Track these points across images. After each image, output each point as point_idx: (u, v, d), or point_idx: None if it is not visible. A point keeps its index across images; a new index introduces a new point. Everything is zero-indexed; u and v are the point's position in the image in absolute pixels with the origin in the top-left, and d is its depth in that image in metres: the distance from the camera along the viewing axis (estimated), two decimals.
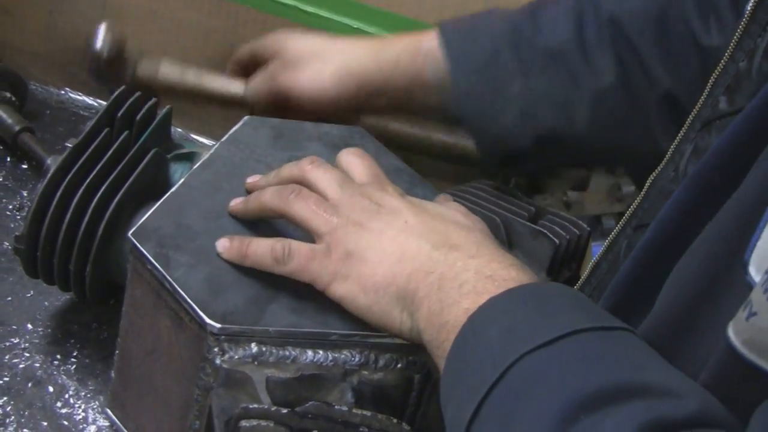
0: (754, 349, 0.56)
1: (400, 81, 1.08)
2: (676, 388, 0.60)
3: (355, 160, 0.89)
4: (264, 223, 0.87)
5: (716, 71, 0.82)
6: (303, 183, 0.86)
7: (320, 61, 1.10)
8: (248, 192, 0.89)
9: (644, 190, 0.86)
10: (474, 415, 0.65)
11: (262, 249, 0.82)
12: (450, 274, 0.76)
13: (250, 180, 0.90)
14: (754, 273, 0.58)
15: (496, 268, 0.75)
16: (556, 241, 1.00)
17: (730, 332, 0.57)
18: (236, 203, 0.87)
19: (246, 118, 0.99)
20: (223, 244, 0.84)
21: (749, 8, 0.80)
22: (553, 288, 0.73)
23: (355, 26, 1.27)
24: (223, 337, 0.77)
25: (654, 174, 0.86)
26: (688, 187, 0.74)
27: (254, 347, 0.78)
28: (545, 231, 1.00)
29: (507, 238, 1.01)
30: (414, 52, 1.07)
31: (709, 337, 0.62)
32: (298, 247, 0.82)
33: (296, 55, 1.11)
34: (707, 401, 0.60)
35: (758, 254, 0.58)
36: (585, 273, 0.90)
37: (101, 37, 1.19)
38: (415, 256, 0.78)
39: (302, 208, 0.83)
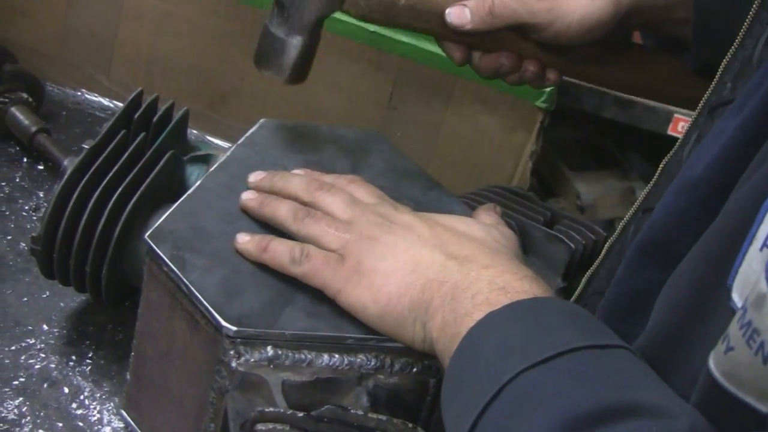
0: (733, 382, 0.56)
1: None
2: (668, 408, 0.61)
3: (358, 188, 0.89)
4: (279, 230, 0.87)
5: (726, 58, 0.81)
6: (312, 207, 0.86)
7: None
8: (251, 188, 0.89)
9: (656, 175, 0.86)
10: (471, 429, 0.65)
11: (281, 248, 0.83)
12: (463, 285, 0.75)
13: (253, 178, 0.90)
14: (737, 299, 0.58)
15: (509, 279, 0.75)
16: (572, 246, 0.99)
17: (711, 363, 0.58)
18: (251, 202, 0.88)
19: (262, 120, 0.99)
20: (243, 238, 0.84)
21: None
22: (552, 303, 0.73)
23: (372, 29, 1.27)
24: (238, 340, 0.78)
25: (666, 159, 0.85)
26: (679, 193, 0.74)
27: (270, 350, 0.78)
28: (561, 236, 1.00)
29: (523, 243, 1.01)
30: None
31: (697, 356, 0.62)
32: (316, 251, 0.82)
33: None
34: (698, 422, 0.60)
35: (741, 280, 0.58)
36: (600, 257, 0.90)
37: None
38: (429, 267, 0.78)
39: (316, 229, 0.83)
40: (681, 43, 0.98)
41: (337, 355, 0.79)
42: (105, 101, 1.39)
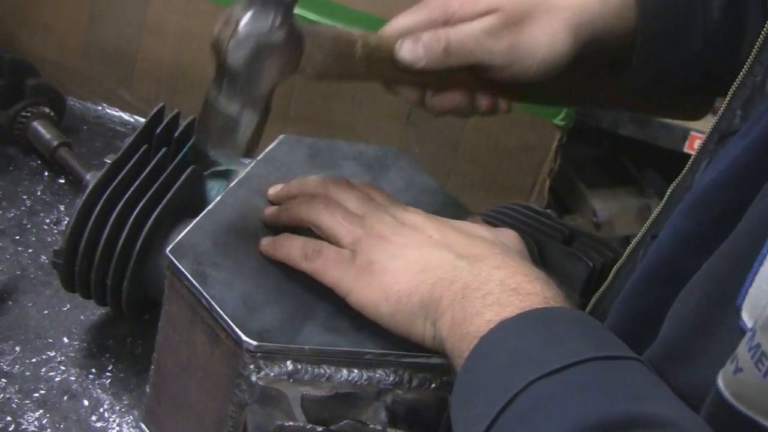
0: (743, 401, 0.57)
1: (615, 23, 0.90)
2: (679, 420, 0.61)
3: (372, 190, 0.90)
4: None
5: (735, 83, 0.81)
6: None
7: (544, 12, 0.89)
8: (270, 202, 0.91)
9: (664, 199, 0.86)
10: None
11: (295, 243, 0.84)
12: (474, 284, 0.75)
13: (272, 191, 0.92)
14: (747, 319, 0.58)
15: (521, 281, 0.75)
16: (591, 263, 1.00)
17: (720, 382, 0.58)
18: (270, 211, 0.89)
19: (281, 136, 0.99)
20: (264, 240, 0.86)
21: None
22: (564, 312, 0.73)
23: None
24: (259, 354, 0.78)
25: (674, 183, 0.86)
26: (685, 214, 0.74)
27: (290, 365, 0.78)
28: (579, 254, 1.00)
29: (541, 260, 1.01)
30: None
31: (703, 373, 0.63)
32: (328, 248, 0.83)
33: (517, 8, 0.89)
34: None
35: (750, 301, 0.58)
36: (607, 280, 0.90)
37: None
38: (439, 266, 0.78)
39: (329, 218, 0.84)
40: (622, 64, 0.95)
41: (356, 370, 0.80)
42: (126, 116, 1.40)
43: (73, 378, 1.03)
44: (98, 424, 0.99)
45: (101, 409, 1.00)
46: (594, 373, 0.66)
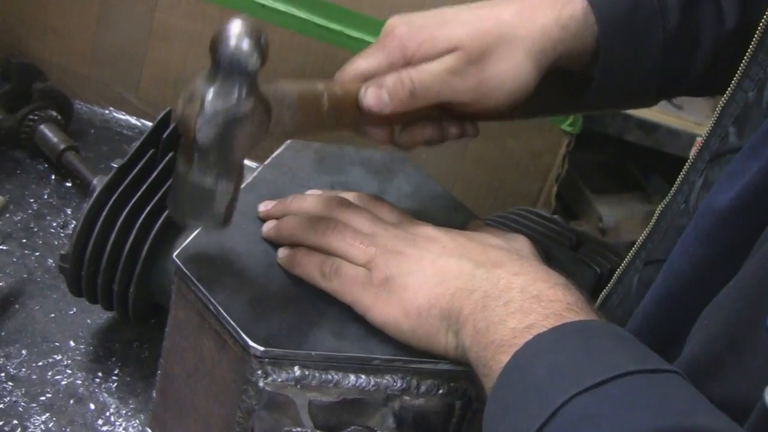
0: None
1: (575, 45, 0.89)
2: (725, 431, 0.60)
3: (380, 206, 0.89)
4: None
5: (723, 99, 0.81)
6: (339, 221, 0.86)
7: (505, 44, 0.87)
8: (261, 219, 0.89)
9: (653, 221, 0.85)
10: None
11: (312, 260, 0.84)
12: (495, 293, 0.75)
13: (263, 208, 0.90)
14: None
15: (542, 288, 0.74)
16: (598, 270, 1.00)
17: (767, 397, 0.57)
18: (268, 228, 0.88)
19: (289, 142, 0.99)
20: (283, 251, 0.85)
21: (757, 35, 0.80)
22: (599, 326, 0.72)
23: None
24: (266, 360, 0.78)
25: (662, 205, 0.85)
26: (702, 241, 0.73)
27: (297, 371, 0.78)
28: (587, 259, 1.00)
29: (548, 266, 1.01)
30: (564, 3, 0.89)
31: (735, 390, 0.63)
32: (347, 267, 0.82)
33: (477, 44, 0.86)
34: None
35: None
36: (596, 305, 0.88)
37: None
38: (458, 276, 0.78)
39: (339, 241, 0.83)
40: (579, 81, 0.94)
41: (363, 376, 0.79)
42: (133, 120, 1.40)
43: (79, 382, 1.03)
44: (104, 428, 0.99)
45: (107, 413, 1.01)
46: (637, 386, 0.65)
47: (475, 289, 0.76)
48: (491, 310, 0.74)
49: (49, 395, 1.01)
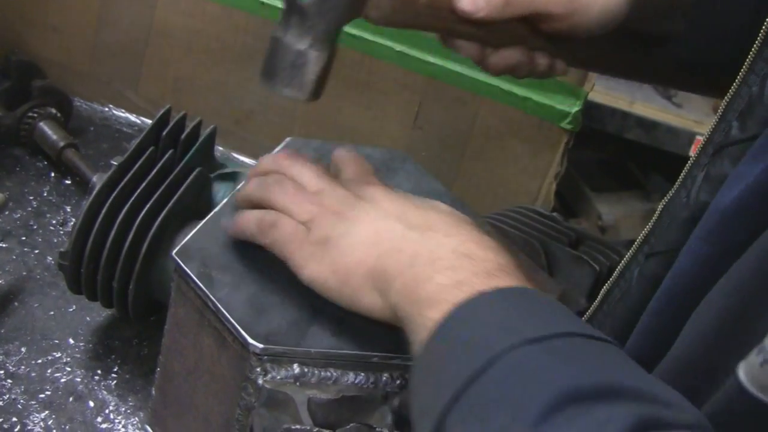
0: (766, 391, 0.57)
1: None
2: (671, 400, 0.61)
3: (346, 157, 0.90)
4: None
5: (728, 94, 0.81)
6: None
7: None
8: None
9: (656, 215, 0.85)
10: (453, 401, 0.64)
11: (251, 217, 0.84)
12: (424, 252, 0.75)
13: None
14: None
15: (473, 248, 0.74)
16: (597, 267, 1.00)
17: (741, 374, 0.58)
18: (226, 225, 0.87)
19: (288, 139, 0.99)
20: (226, 222, 0.86)
21: (763, 31, 0.80)
22: (541, 294, 0.72)
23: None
24: (265, 357, 0.78)
25: (665, 199, 0.85)
26: (704, 240, 0.73)
27: (296, 368, 0.78)
28: (586, 257, 1.00)
29: (547, 264, 1.01)
30: None
31: (723, 384, 0.63)
32: (285, 222, 0.83)
33: None
34: (703, 418, 0.60)
35: None
36: (597, 300, 0.89)
37: None
38: (389, 238, 0.78)
39: (283, 196, 0.84)
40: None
41: (362, 374, 0.79)
42: (132, 117, 1.40)
43: (78, 379, 1.03)
44: (104, 426, 0.99)
45: (107, 411, 1.01)
46: (580, 346, 0.65)
47: (403, 249, 0.76)
48: (419, 269, 0.74)
49: (48, 393, 1.01)
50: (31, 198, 1.24)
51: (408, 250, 0.76)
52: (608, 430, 0.56)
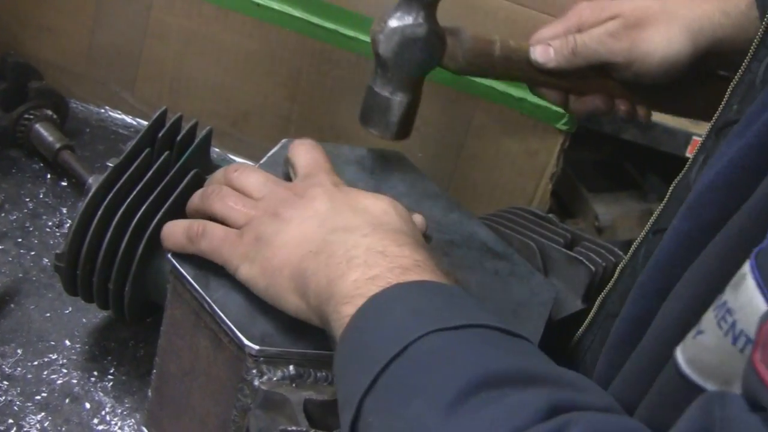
0: (696, 368, 0.57)
1: (736, 34, 0.98)
2: (584, 385, 0.62)
3: (301, 150, 0.91)
4: None
5: (733, 81, 0.82)
6: (230, 187, 0.87)
7: (664, 18, 1.00)
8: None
9: (666, 197, 0.86)
10: (370, 387, 0.65)
11: (178, 228, 0.85)
12: (339, 252, 0.76)
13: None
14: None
15: (387, 245, 0.76)
16: (593, 268, 1.00)
17: (678, 351, 0.58)
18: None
19: (284, 140, 0.99)
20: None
21: (766, 19, 0.80)
22: (460, 290, 0.74)
23: None
24: (261, 358, 0.78)
25: (675, 181, 0.86)
26: (684, 216, 0.74)
27: (292, 369, 0.78)
28: (581, 258, 1.00)
29: (543, 264, 1.01)
30: None
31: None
32: (213, 228, 0.84)
33: (637, 14, 1.01)
34: (615, 404, 0.61)
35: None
36: (612, 280, 0.91)
37: None
38: (312, 240, 0.79)
39: (221, 205, 0.85)
40: None
41: None
42: (128, 119, 1.40)
43: (75, 381, 1.03)
44: (100, 427, 0.99)
45: (103, 412, 1.01)
46: (494, 336, 0.67)
47: (321, 251, 0.78)
48: (333, 268, 0.75)
49: (44, 394, 1.01)
50: (27, 200, 1.24)
51: (326, 251, 0.77)
52: (522, 414, 0.58)
